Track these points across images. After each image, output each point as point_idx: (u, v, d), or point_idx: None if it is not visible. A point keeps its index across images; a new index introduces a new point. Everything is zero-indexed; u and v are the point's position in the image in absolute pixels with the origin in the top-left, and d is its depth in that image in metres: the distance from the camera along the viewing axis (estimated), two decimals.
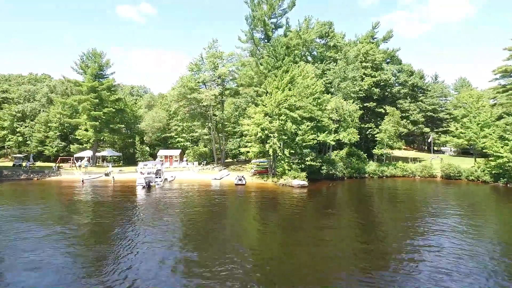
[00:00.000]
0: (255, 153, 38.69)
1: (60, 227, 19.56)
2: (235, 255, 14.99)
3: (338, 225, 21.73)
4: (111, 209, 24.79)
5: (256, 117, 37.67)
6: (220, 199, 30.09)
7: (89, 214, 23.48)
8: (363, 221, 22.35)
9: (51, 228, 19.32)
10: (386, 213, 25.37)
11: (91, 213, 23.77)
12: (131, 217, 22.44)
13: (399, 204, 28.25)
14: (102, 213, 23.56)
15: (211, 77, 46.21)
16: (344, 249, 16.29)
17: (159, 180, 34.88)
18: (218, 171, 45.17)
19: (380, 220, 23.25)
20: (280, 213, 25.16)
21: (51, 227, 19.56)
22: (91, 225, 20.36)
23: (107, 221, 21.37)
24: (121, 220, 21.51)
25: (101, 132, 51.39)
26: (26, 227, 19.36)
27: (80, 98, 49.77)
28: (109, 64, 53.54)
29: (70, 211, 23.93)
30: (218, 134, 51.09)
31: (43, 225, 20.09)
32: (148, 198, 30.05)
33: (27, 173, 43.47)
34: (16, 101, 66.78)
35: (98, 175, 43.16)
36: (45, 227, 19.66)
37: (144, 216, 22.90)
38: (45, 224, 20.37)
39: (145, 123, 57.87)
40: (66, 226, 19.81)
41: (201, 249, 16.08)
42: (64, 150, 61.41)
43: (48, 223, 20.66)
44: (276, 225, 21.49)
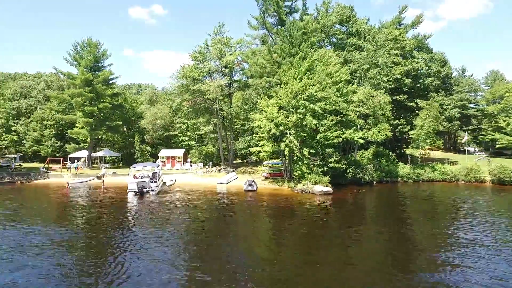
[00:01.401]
0: (268, 153, 32.82)
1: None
2: (245, 278, 12.23)
3: (370, 243, 16.90)
4: (87, 226, 19.27)
5: (269, 110, 31.80)
6: (226, 208, 24.43)
7: (49, 237, 17.85)
8: (401, 239, 17.31)
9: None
10: (431, 229, 19.42)
11: (54, 234, 18.16)
12: (112, 238, 16.84)
13: (445, 218, 21.91)
14: (73, 235, 17.98)
15: (217, 67, 40.50)
16: (376, 276, 12.63)
17: (155, 185, 29.34)
18: (225, 173, 39.46)
19: (422, 239, 17.63)
20: (298, 227, 19.70)
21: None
22: (45, 259, 14.51)
23: (78, 247, 15.75)
24: (99, 244, 15.94)
25: (96, 130, 46.31)
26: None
27: (73, 92, 44.81)
28: (106, 56, 48.49)
29: (21, 232, 18.45)
30: (225, 132, 45.40)
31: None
32: (139, 208, 24.49)
33: (11, 176, 38.66)
34: (11, 98, 62.53)
35: (89, 178, 37.98)
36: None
37: (130, 235, 17.33)
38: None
39: (146, 120, 52.61)
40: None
41: (204, 270, 12.97)
42: (60, 150, 56.80)
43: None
44: (294, 242, 16.90)
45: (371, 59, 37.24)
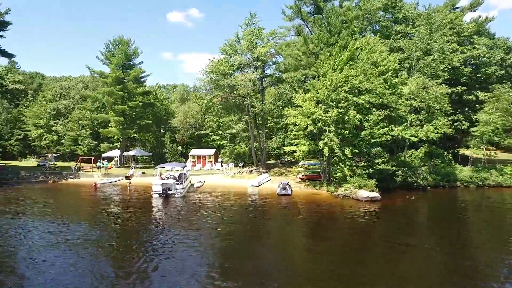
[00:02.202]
0: (304, 153, 29.38)
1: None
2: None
3: (428, 260, 13.26)
4: (106, 229, 17.25)
5: (306, 105, 28.39)
6: (256, 215, 21.48)
7: (63, 243, 15.97)
8: (464, 255, 14.14)
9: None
10: (502, 246, 15.00)
11: (69, 240, 16.25)
12: (129, 243, 14.59)
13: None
14: (90, 240, 15.96)
15: (248, 61, 37.70)
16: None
17: (181, 188, 27.13)
18: (257, 175, 36.58)
19: (491, 258, 13.61)
20: (340, 238, 16.63)
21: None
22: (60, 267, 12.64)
23: (92, 255, 13.64)
24: (118, 249, 13.75)
25: (127, 129, 45.56)
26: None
27: (104, 91, 44.40)
28: (137, 53, 47.66)
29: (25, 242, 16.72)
30: (257, 131, 42.52)
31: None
32: (161, 212, 22.32)
33: (45, 175, 38.72)
34: (52, 99, 64.55)
35: (117, 178, 36.93)
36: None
37: (151, 244, 15.16)
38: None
39: (177, 119, 51.31)
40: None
41: (230, 280, 11.41)
42: (95, 149, 57.45)
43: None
44: (335, 255, 14.34)
45: (424, 45, 32.30)
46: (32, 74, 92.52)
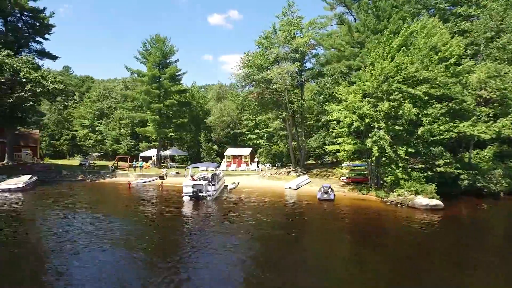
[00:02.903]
0: (349, 153, 26.04)
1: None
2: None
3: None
4: (134, 236, 15.64)
5: (351, 99, 25.06)
6: (294, 222, 18.85)
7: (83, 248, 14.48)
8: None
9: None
10: None
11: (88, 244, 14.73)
12: (161, 253, 12.74)
13: None
14: (112, 246, 14.39)
15: (285, 53, 34.95)
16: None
17: (213, 189, 25.20)
18: (295, 176, 33.74)
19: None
20: (394, 255, 13.45)
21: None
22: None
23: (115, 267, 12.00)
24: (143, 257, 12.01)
25: (163, 128, 45.06)
26: None
27: (141, 90, 44.31)
28: (173, 51, 47.06)
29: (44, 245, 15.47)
30: (296, 129, 39.64)
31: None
32: (193, 216, 20.52)
33: (85, 174, 39.21)
34: (96, 100, 67.01)
35: (151, 178, 36.20)
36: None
37: (182, 251, 13.59)
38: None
39: (212, 118, 50.05)
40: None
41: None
42: (135, 149, 58.32)
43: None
44: (387, 275, 11.53)
45: (496, 25, 27.19)
46: (83, 77, 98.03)
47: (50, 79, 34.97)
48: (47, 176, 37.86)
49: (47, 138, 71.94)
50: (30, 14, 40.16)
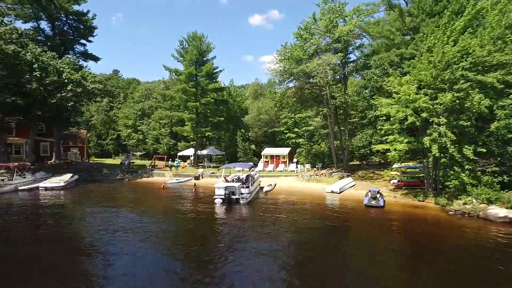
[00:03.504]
0: (401, 153, 22.64)
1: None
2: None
3: None
4: (165, 243, 14.26)
5: (404, 91, 21.68)
6: (336, 232, 16.42)
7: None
8: None
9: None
10: None
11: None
12: (193, 261, 11.20)
13: None
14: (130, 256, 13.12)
15: (327, 44, 32.03)
16: None
17: (246, 192, 23.29)
18: (338, 178, 30.75)
19: None
20: (459, 279, 10.70)
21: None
22: None
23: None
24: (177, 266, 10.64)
25: (200, 126, 44.28)
26: None
27: (178, 88, 43.92)
28: (210, 49, 46.08)
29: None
30: (338, 127, 36.50)
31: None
32: (224, 221, 18.78)
33: (124, 173, 39.58)
34: (138, 100, 68.81)
35: (187, 178, 35.33)
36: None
37: (217, 256, 12.39)
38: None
39: (249, 116, 48.37)
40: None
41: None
42: (174, 148, 58.63)
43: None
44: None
45: None
46: (129, 80, 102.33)
47: (90, 79, 35.57)
48: (89, 175, 38.77)
49: (95, 138, 75.59)
50: (74, 17, 41.55)
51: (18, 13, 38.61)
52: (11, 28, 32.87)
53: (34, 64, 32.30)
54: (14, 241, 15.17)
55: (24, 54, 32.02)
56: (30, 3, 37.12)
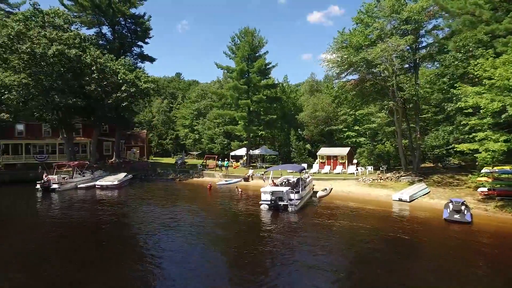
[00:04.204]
0: (496, 154, 17.67)
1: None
2: None
3: None
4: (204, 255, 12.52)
5: (501, 74, 16.80)
6: (407, 254, 12.72)
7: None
8: None
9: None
10: None
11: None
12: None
13: None
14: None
15: (393, 27, 27.52)
16: None
17: (296, 198, 20.46)
18: (407, 184, 26.14)
19: None
20: None
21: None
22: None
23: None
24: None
25: (251, 125, 42.50)
26: None
27: (229, 86, 42.71)
28: (262, 44, 44.04)
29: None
30: (407, 123, 31.51)
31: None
32: (270, 230, 16.30)
33: (176, 172, 39.54)
34: (195, 100, 69.98)
35: (236, 180, 33.62)
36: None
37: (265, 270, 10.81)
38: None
39: (304, 113, 45.15)
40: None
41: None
42: (228, 148, 57.99)
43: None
44: None
45: None
46: (190, 81, 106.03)
47: (143, 79, 36.01)
48: (144, 174, 39.50)
49: (156, 137, 79.17)
50: (132, 20, 42.88)
51: (83, 20, 41.10)
52: (75, 34, 34.68)
53: (93, 66, 33.58)
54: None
55: (85, 58, 33.46)
56: (92, 9, 39.04)
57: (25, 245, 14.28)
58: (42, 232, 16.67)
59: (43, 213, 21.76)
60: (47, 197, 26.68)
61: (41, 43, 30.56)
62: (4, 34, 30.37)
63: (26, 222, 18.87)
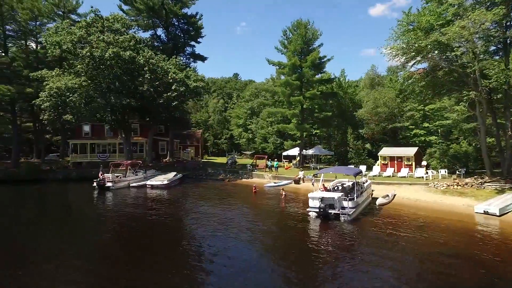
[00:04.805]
0: None
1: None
2: None
3: None
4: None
5: None
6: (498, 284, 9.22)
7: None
8: None
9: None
10: None
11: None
12: None
13: None
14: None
15: (474, 3, 22.58)
16: None
17: (351, 206, 17.49)
18: (495, 192, 21.18)
19: None
20: None
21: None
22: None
23: None
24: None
25: (304, 123, 39.75)
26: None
27: (280, 82, 40.51)
28: (316, 36, 40.97)
29: None
30: (493, 118, 25.99)
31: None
32: (320, 243, 13.87)
33: (226, 173, 38.65)
34: (248, 99, 69.21)
35: (286, 182, 31.29)
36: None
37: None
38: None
39: (364, 110, 40.88)
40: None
41: None
42: (281, 147, 55.93)
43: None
44: None
45: None
46: (246, 81, 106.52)
47: (192, 78, 35.73)
48: (195, 174, 39.37)
49: (212, 137, 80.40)
50: (184, 20, 43.26)
51: (139, 24, 42.60)
52: (130, 36, 35.76)
53: (145, 67, 34.21)
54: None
55: (138, 59, 34.23)
56: (147, 11, 40.15)
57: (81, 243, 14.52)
58: (93, 230, 17.18)
59: (97, 211, 22.51)
60: (102, 195, 27.75)
61: (100, 47, 31.87)
62: (68, 40, 32.31)
63: (79, 220, 19.61)
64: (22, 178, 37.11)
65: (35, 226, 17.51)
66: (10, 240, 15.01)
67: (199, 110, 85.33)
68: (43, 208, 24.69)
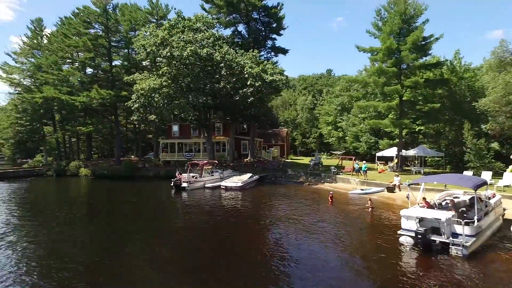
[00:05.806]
0: None
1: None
2: None
3: None
4: None
5: None
6: None
7: None
8: None
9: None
10: None
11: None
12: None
13: None
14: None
15: None
16: None
17: (468, 233, 11.88)
18: None
19: None
20: None
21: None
22: None
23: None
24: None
25: (403, 118, 32.77)
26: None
27: (372, 70, 34.38)
28: (420, 11, 33.36)
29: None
30: None
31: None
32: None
33: (306, 175, 34.75)
34: (339, 94, 63.21)
35: (377, 189, 25.64)
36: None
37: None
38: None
39: (488, 99, 31.30)
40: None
41: None
42: (375, 147, 48.87)
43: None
44: None
45: None
46: (340, 76, 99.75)
47: (269, 71, 33.03)
48: (274, 175, 36.71)
49: (300, 136, 76.89)
50: (264, 12, 41.07)
51: (221, 21, 42.22)
52: (209, 34, 35.29)
53: (221, 63, 33.11)
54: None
55: (216, 56, 33.37)
56: (226, 7, 39.34)
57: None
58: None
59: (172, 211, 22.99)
60: (178, 195, 27.85)
61: (179, 46, 32.06)
62: (152, 42, 33.52)
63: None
64: (121, 175, 40.98)
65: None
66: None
67: (287, 108, 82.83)
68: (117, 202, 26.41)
